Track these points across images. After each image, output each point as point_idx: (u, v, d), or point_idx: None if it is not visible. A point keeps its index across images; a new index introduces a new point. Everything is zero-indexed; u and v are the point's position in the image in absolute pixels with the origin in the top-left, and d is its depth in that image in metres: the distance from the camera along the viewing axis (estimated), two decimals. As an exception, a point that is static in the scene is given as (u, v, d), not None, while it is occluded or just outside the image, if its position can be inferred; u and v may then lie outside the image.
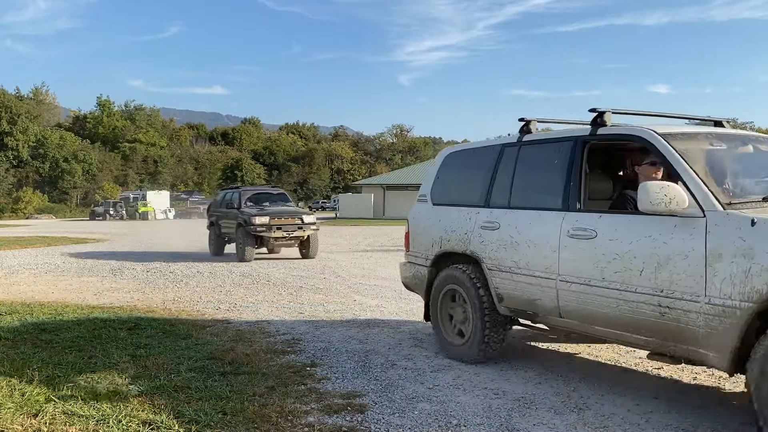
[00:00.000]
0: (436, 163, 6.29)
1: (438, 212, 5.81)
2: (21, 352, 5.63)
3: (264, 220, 14.58)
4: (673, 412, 4.16)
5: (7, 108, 67.31)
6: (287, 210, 15.69)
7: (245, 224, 14.62)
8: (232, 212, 15.56)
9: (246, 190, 16.62)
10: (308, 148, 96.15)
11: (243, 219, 14.77)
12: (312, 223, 15.22)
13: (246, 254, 14.56)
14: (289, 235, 14.88)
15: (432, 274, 5.76)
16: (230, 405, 4.21)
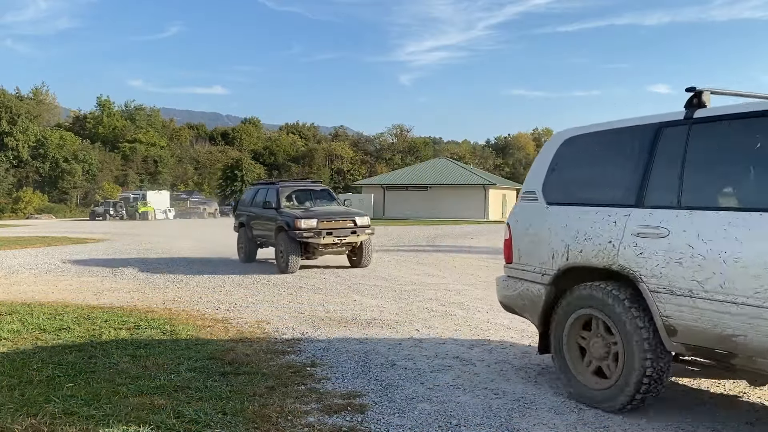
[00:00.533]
0: (547, 150, 4.97)
1: (559, 214, 4.57)
2: (21, 352, 5.64)
3: (311, 223, 12.18)
4: (673, 412, 4.16)
5: (7, 108, 67.29)
6: (337, 211, 13.20)
7: (288, 228, 12.15)
8: (269, 213, 13.26)
9: (285, 186, 14.08)
10: (308, 148, 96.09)
11: (285, 222, 12.35)
12: (366, 226, 12.73)
13: (290, 264, 12.12)
14: (341, 241, 12.35)
15: (551, 294, 4.54)
16: (230, 405, 4.21)
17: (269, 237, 13.22)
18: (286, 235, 12.19)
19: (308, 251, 12.51)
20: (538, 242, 4.70)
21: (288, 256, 12.15)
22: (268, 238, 13.34)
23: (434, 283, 10.91)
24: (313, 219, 12.30)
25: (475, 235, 26.47)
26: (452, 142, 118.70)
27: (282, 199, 13.42)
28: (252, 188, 15.72)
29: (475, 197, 46.82)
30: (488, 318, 7.58)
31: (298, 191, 14.16)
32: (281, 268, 12.33)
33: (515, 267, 4.97)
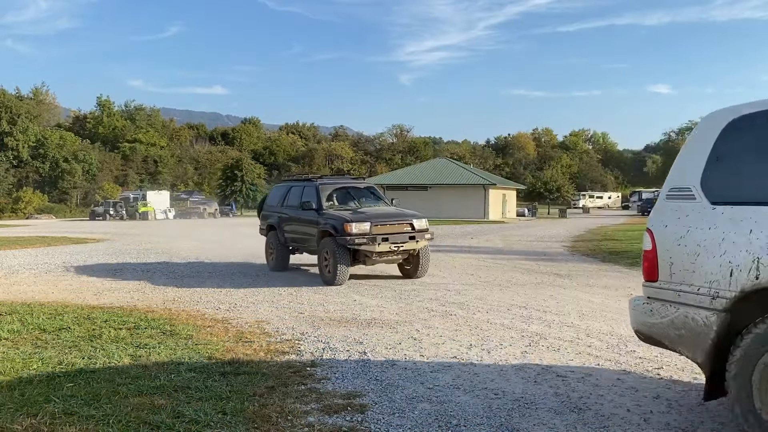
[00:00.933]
0: (701, 136, 3.88)
1: (739, 217, 3.46)
2: (21, 352, 5.64)
3: (363, 227, 10.42)
4: (673, 412, 4.17)
5: (7, 108, 67.29)
6: (391, 212, 11.43)
7: (336, 233, 10.44)
8: (307, 215, 11.54)
9: (325, 184, 12.17)
10: (308, 148, 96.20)
11: (331, 226, 10.63)
12: (425, 230, 10.95)
13: (338, 275, 10.34)
14: (399, 248, 10.59)
15: (725, 323, 3.46)
16: (230, 405, 4.21)
17: (307, 242, 11.64)
18: (333, 242, 10.40)
19: (358, 259, 10.72)
20: (702, 254, 3.59)
21: (336, 266, 10.32)
22: (306, 244, 11.81)
23: (434, 283, 10.91)
24: (365, 222, 10.49)
25: (475, 235, 26.46)
26: (452, 142, 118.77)
27: (323, 198, 11.55)
28: (281, 185, 13.70)
29: (475, 197, 46.80)
30: (488, 318, 7.58)
31: (340, 189, 12.19)
32: (326, 279, 10.57)
33: (664, 287, 3.83)
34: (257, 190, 70.96)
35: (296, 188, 12.60)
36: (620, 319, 7.46)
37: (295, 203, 12.25)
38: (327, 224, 10.79)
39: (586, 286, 10.45)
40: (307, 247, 11.87)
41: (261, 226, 13.70)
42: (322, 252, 10.76)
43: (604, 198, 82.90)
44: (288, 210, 12.44)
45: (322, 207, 11.37)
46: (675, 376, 5.04)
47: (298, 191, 12.38)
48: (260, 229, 13.77)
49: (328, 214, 11.06)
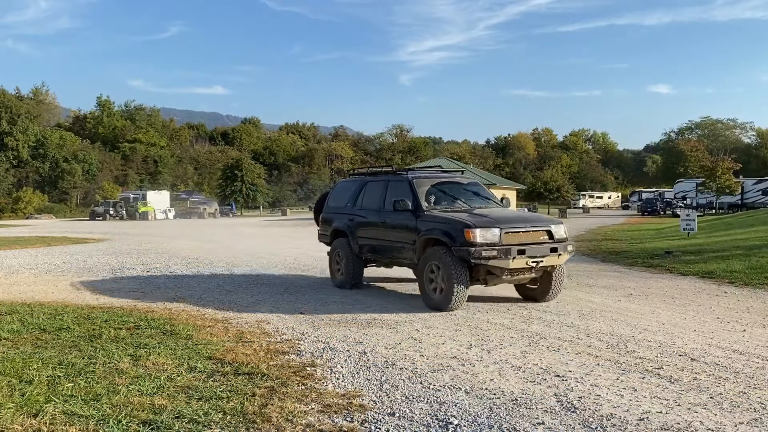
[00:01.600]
0: None
1: None
2: (21, 352, 5.64)
3: (492, 235, 7.90)
4: (672, 413, 4.17)
5: (7, 108, 67.30)
6: (522, 216, 9.13)
7: (452, 242, 7.92)
8: (400, 217, 9.02)
9: (420, 177, 9.56)
10: (308, 148, 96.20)
11: (443, 232, 8.14)
12: (565, 240, 8.45)
13: (453, 298, 7.90)
14: (537, 264, 8.07)
15: None
16: (230, 405, 4.22)
17: (397, 252, 9.20)
18: (448, 254, 7.95)
19: (475, 277, 8.22)
20: None
21: (451, 286, 7.84)
22: (394, 254, 9.31)
23: (434, 283, 10.90)
24: (492, 228, 7.95)
25: (475, 235, 26.44)
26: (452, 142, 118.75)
27: (421, 196, 9.03)
28: (349, 181, 11.18)
29: (475, 197, 46.70)
30: (488, 318, 7.58)
31: (440, 185, 9.60)
32: (434, 303, 8.15)
33: None
34: (257, 190, 71.01)
35: (375, 184, 10.12)
36: (620, 319, 7.46)
37: (374, 203, 9.84)
38: (434, 230, 8.29)
39: (586, 286, 10.45)
40: (396, 258, 9.32)
41: (322, 232, 11.24)
42: (426, 267, 8.31)
43: (604, 198, 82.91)
44: (365, 212, 9.98)
45: (422, 207, 8.82)
46: (675, 375, 5.04)
47: (378, 188, 9.96)
48: (320, 235, 11.37)
49: (434, 216, 8.57)
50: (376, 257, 9.87)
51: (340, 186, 11.40)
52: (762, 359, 5.59)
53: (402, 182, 9.50)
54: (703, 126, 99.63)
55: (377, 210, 9.72)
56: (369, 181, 10.42)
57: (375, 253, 9.79)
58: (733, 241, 16.39)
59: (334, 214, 10.83)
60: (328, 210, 11.18)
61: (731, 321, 7.36)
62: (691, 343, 6.23)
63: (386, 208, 9.44)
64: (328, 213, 11.08)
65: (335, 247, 10.56)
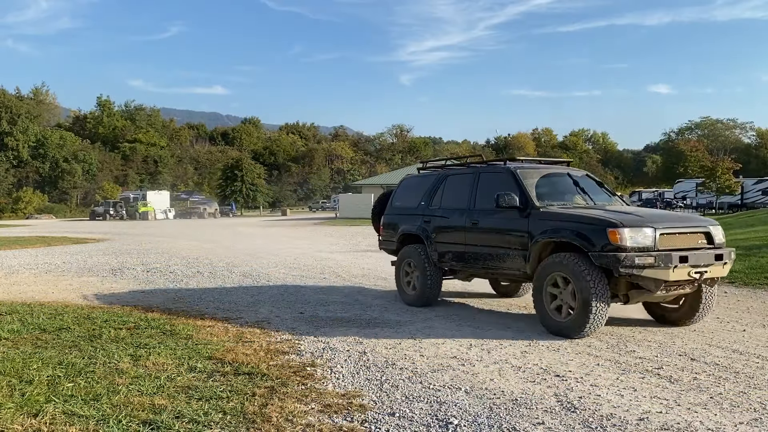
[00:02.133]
0: None
1: None
2: (21, 352, 5.64)
3: (643, 237, 6.28)
4: (672, 413, 4.17)
5: (7, 108, 67.32)
6: (673, 215, 7.66)
7: (589, 246, 6.27)
8: (502, 216, 7.38)
9: (525, 168, 7.83)
10: (308, 148, 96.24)
11: (575, 232, 6.47)
12: (723, 245, 6.84)
13: (591, 319, 6.21)
14: (701, 275, 6.40)
15: None
16: (230, 405, 4.22)
17: (497, 261, 7.43)
18: (581, 261, 6.30)
19: (616, 291, 6.52)
20: None
21: (587, 304, 6.14)
22: (492, 264, 7.53)
23: (434, 283, 10.90)
24: (644, 228, 6.32)
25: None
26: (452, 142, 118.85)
27: (530, 190, 7.31)
28: (420, 176, 9.38)
29: (475, 197, 46.78)
30: (488, 318, 7.59)
31: (550, 178, 7.85)
32: (561, 327, 6.44)
33: None
34: (257, 190, 71.04)
35: (459, 179, 8.44)
36: (620, 319, 7.46)
37: (459, 201, 8.18)
38: (561, 231, 6.62)
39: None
40: (494, 268, 7.55)
41: (385, 238, 9.47)
42: (547, 280, 6.61)
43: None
44: (446, 212, 8.31)
45: (534, 204, 7.12)
46: (675, 375, 5.04)
47: (464, 183, 8.26)
48: (383, 241, 9.58)
49: (555, 214, 6.92)
50: (463, 267, 8.08)
51: (407, 183, 9.56)
52: (762, 359, 5.59)
53: (500, 174, 7.77)
54: (703, 126, 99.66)
55: (464, 209, 7.98)
56: (450, 174, 8.67)
57: (461, 262, 7.98)
58: (733, 242, 16.39)
59: (401, 216, 9.15)
60: (392, 212, 9.41)
61: (731, 321, 7.36)
62: (691, 343, 6.23)
63: (477, 206, 7.80)
64: (394, 215, 9.34)
65: (405, 255, 8.84)
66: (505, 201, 7.15)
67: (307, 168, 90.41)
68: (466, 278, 8.63)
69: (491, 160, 8.71)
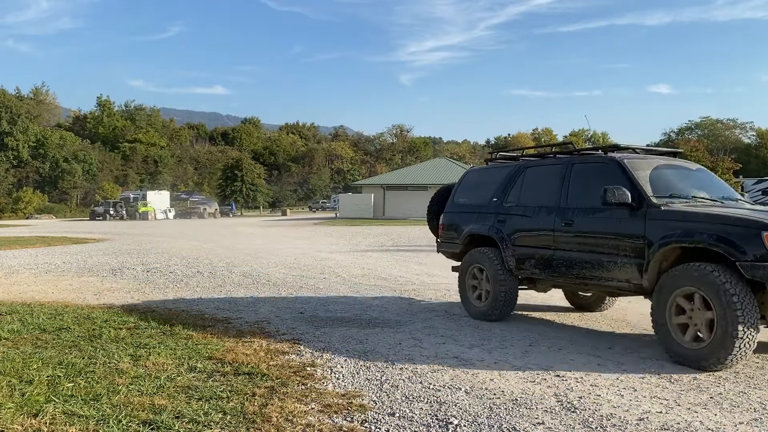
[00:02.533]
0: None
1: None
2: (21, 352, 5.64)
3: None
4: (672, 413, 4.17)
5: (7, 108, 67.32)
6: None
7: (738, 253, 5.08)
8: (608, 215, 6.15)
9: (636, 159, 6.55)
10: (308, 148, 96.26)
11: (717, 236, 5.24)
12: None
13: (737, 346, 5.05)
14: None
15: None
16: (230, 405, 4.22)
17: (600, 270, 6.16)
18: (724, 274, 5.15)
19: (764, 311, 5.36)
20: None
21: (733, 327, 5.03)
22: (593, 274, 6.26)
23: (434, 282, 10.91)
24: None
25: (475, 235, 26.45)
26: (452, 142, 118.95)
27: (643, 185, 6.10)
28: (487, 168, 8.36)
29: (475, 197, 46.81)
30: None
31: (664, 170, 6.61)
32: (694, 355, 5.31)
33: None
34: (257, 190, 71.06)
35: (544, 170, 7.28)
36: (620, 319, 7.46)
37: (544, 196, 7.00)
38: (694, 234, 5.41)
39: (585, 286, 10.45)
40: (596, 279, 6.27)
41: (446, 239, 8.34)
42: (673, 295, 5.47)
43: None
44: (527, 209, 7.17)
45: (650, 201, 5.92)
46: (675, 375, 5.04)
47: (550, 175, 7.07)
48: (442, 243, 8.43)
49: (682, 213, 5.70)
50: (548, 276, 6.87)
51: (472, 176, 8.42)
52: (762, 359, 5.59)
53: (602, 165, 6.51)
54: (703, 126, 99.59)
55: (553, 207, 6.77)
56: (530, 166, 7.51)
57: (547, 270, 6.78)
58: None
59: (467, 215, 7.99)
60: (455, 209, 8.24)
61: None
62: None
63: (570, 203, 6.60)
64: (457, 213, 8.19)
65: (473, 260, 7.71)
66: (615, 197, 5.87)
67: (307, 168, 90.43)
68: (546, 289, 7.49)
69: (585, 149, 7.27)
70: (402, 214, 48.00)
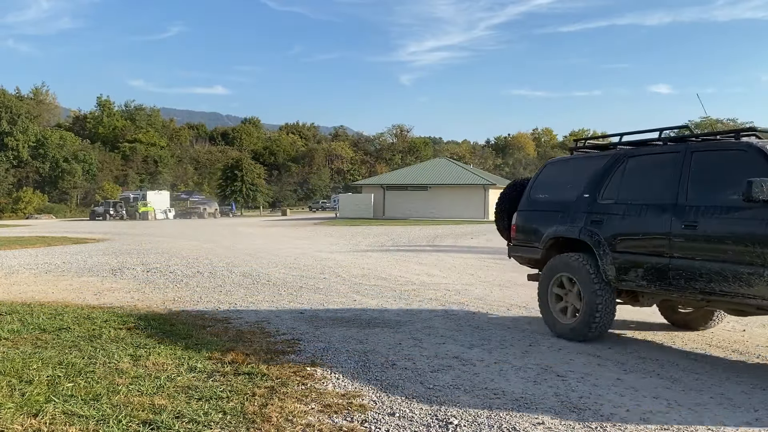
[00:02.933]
0: None
1: None
2: (21, 352, 5.63)
3: None
4: (672, 412, 4.17)
5: (7, 108, 67.27)
6: None
7: None
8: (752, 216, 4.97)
9: None
10: (308, 148, 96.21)
11: None
12: None
13: None
14: None
15: None
16: (230, 405, 4.21)
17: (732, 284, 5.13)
18: None
19: None
20: None
21: None
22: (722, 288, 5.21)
23: (434, 282, 10.91)
24: None
25: (475, 235, 26.46)
26: (452, 142, 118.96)
27: None
28: (574, 158, 7.19)
29: (475, 197, 46.81)
30: (488, 318, 7.58)
31: None
32: None
33: None
34: (257, 190, 71.04)
35: (654, 159, 6.16)
36: (620, 319, 7.46)
37: (657, 193, 5.86)
38: None
39: (586, 286, 10.43)
40: (724, 294, 5.24)
41: (520, 242, 7.21)
42: None
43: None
44: (629, 208, 6.04)
45: None
46: (676, 375, 5.04)
47: (665, 165, 5.93)
48: (515, 247, 7.30)
49: None
50: (660, 289, 5.74)
51: (553, 167, 7.31)
52: (762, 359, 5.59)
53: (735, 153, 5.46)
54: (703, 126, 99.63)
55: (668, 204, 5.67)
56: (633, 155, 6.31)
57: (659, 281, 5.67)
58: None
59: (548, 214, 6.83)
60: (533, 207, 7.10)
61: (731, 321, 7.35)
62: (692, 343, 6.22)
63: (691, 200, 5.49)
64: (536, 212, 7.05)
65: (558, 268, 6.57)
66: (764, 192, 4.81)
67: (307, 168, 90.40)
68: (652, 303, 6.37)
69: (706, 134, 6.20)
70: (402, 214, 47.99)
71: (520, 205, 7.26)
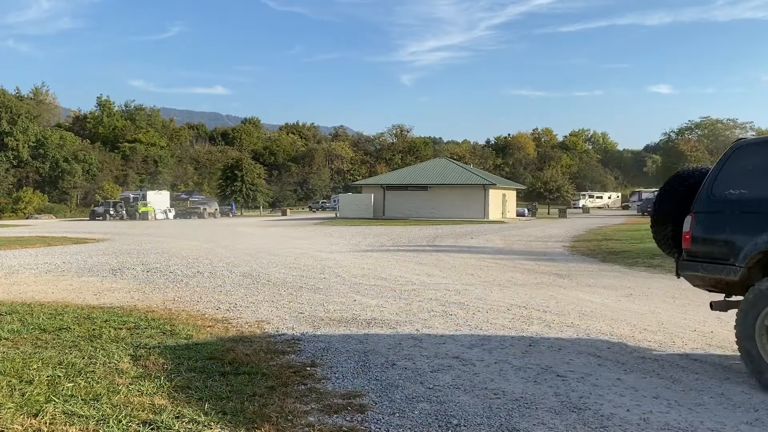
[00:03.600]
0: None
1: None
2: (21, 352, 5.63)
3: None
4: (673, 412, 4.17)
5: (7, 108, 67.25)
6: None
7: None
8: None
9: None
10: (308, 148, 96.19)
11: None
12: None
13: None
14: None
15: None
16: (230, 405, 4.21)
17: None
18: None
19: None
20: None
21: None
22: None
23: (434, 283, 10.91)
24: None
25: (475, 235, 26.46)
26: (452, 142, 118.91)
27: None
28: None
29: (475, 197, 46.79)
30: (488, 318, 7.58)
31: None
32: None
33: None
34: (257, 190, 71.00)
35: None
36: (620, 319, 7.46)
37: None
38: None
39: (586, 286, 10.44)
40: None
41: (705, 258, 5.35)
42: None
43: (604, 198, 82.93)
44: None
45: None
46: (676, 375, 5.04)
47: None
48: (693, 264, 5.46)
49: None
50: None
51: (751, 151, 5.34)
52: (762, 359, 5.59)
53: None
54: (703, 126, 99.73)
55: None
56: None
57: None
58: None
59: (748, 217, 5.06)
60: (718, 207, 5.29)
61: (731, 321, 7.35)
62: (692, 343, 6.22)
63: None
64: (724, 214, 5.25)
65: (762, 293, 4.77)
66: None
67: (307, 168, 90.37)
68: None
69: None
70: (402, 214, 47.97)
71: (697, 204, 5.40)
